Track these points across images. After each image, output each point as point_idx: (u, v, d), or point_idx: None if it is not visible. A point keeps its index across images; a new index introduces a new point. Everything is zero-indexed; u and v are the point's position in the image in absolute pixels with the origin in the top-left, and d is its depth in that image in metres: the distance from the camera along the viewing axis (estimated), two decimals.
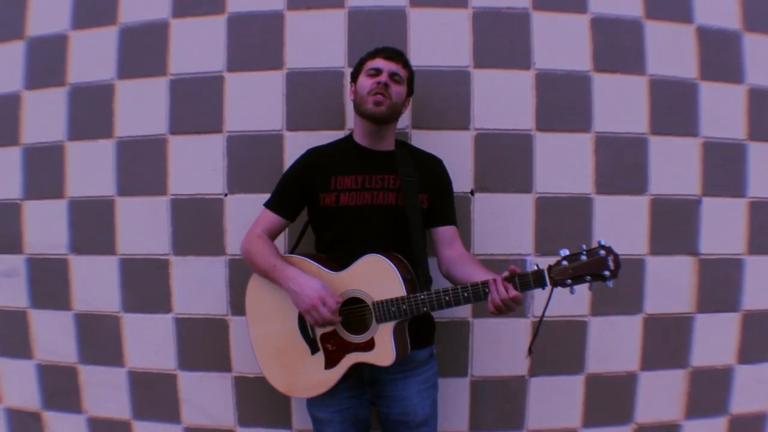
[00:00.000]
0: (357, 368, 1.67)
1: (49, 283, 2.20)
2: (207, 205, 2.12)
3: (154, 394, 2.16)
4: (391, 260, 1.61)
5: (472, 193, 2.07)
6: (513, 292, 1.48)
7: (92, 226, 2.17)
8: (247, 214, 2.06)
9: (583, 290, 2.04)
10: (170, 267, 2.13)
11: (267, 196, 1.94)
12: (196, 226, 2.12)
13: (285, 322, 1.71)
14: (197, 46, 2.13)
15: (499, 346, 2.09)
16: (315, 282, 1.62)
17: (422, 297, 1.57)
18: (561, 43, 2.11)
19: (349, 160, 1.78)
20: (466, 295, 1.54)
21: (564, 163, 2.10)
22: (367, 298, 1.62)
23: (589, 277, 1.47)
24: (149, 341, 2.15)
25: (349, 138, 1.86)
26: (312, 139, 2.04)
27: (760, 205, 2.15)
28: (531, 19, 2.10)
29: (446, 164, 2.03)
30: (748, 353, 2.15)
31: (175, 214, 2.13)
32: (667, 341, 2.12)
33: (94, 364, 2.19)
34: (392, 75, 1.74)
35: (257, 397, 2.11)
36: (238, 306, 2.09)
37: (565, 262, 1.48)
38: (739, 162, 2.15)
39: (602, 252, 1.46)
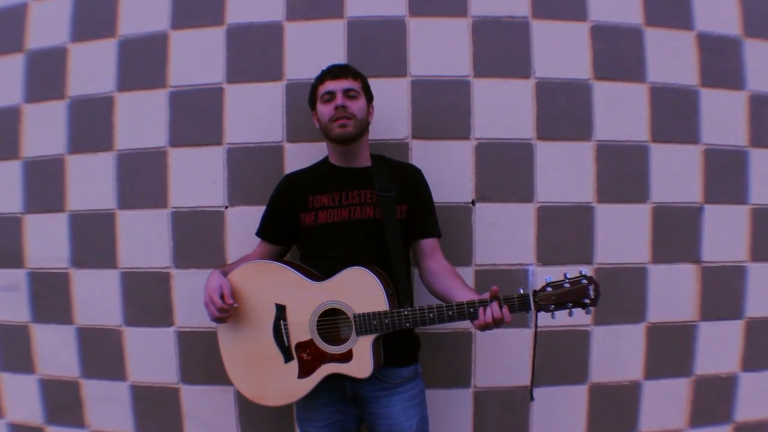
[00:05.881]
0: (337, 382, 1.67)
1: (50, 297, 2.20)
2: (208, 218, 2.11)
3: (156, 408, 2.15)
4: (374, 273, 1.62)
5: (473, 203, 2.07)
6: (507, 313, 1.53)
7: (93, 240, 2.17)
8: (247, 226, 2.05)
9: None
10: (171, 280, 2.12)
11: None
12: (197, 238, 2.11)
13: (258, 328, 1.70)
14: (197, 57, 2.13)
15: (501, 356, 2.08)
16: (214, 281, 1.68)
17: (406, 312, 1.59)
18: (561, 51, 2.11)
19: (325, 179, 1.81)
20: (450, 313, 1.57)
21: (565, 172, 2.09)
22: (348, 309, 1.62)
23: (570, 304, 1.54)
24: (151, 355, 2.14)
25: (324, 160, 1.88)
26: (312, 150, 2.04)
27: (762, 212, 2.14)
28: (531, 28, 2.10)
29: (447, 174, 2.05)
30: (753, 361, 2.15)
31: (176, 226, 2.12)
32: (670, 350, 2.12)
33: (96, 378, 2.18)
34: (346, 92, 1.74)
35: (260, 412, 2.06)
36: None
37: (549, 288, 1.54)
38: (741, 169, 2.15)
39: (584, 281, 1.53)
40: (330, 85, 1.75)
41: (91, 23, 2.19)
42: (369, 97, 1.83)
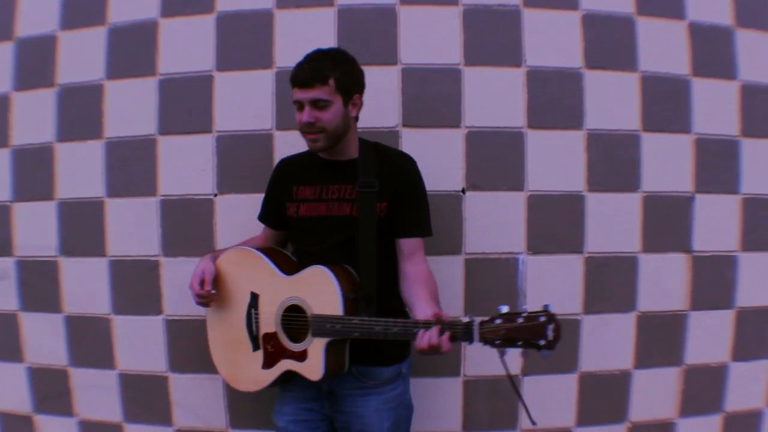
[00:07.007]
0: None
1: (39, 285, 2.19)
2: (197, 206, 2.10)
3: (145, 396, 2.14)
4: (336, 275, 1.55)
5: (463, 191, 2.06)
6: (446, 342, 1.39)
7: (82, 228, 2.16)
8: (236, 215, 2.06)
9: (575, 289, 2.08)
10: (160, 268, 2.11)
11: (256, 196, 1.94)
12: (186, 226, 2.10)
13: (235, 313, 1.72)
14: (186, 45, 2.12)
15: None
16: (199, 267, 1.71)
17: (355, 322, 1.50)
18: (552, 39, 2.09)
19: (310, 170, 1.74)
20: (395, 330, 1.47)
21: (556, 161, 2.08)
22: (308, 309, 1.58)
23: (521, 343, 1.33)
24: (140, 343, 2.13)
25: None
26: (302, 138, 2.02)
27: (753, 201, 2.14)
28: (522, 16, 2.09)
29: (437, 163, 2.04)
30: (743, 351, 2.14)
31: (165, 215, 2.11)
32: (660, 339, 2.11)
33: (85, 367, 2.18)
34: (314, 103, 1.58)
35: (248, 399, 2.08)
36: None
37: (498, 321, 1.35)
38: (733, 158, 2.14)
39: (543, 318, 1.31)
40: (297, 94, 1.59)
41: (80, 11, 2.17)
42: (350, 91, 1.63)
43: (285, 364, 1.62)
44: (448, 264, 2.05)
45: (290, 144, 2.04)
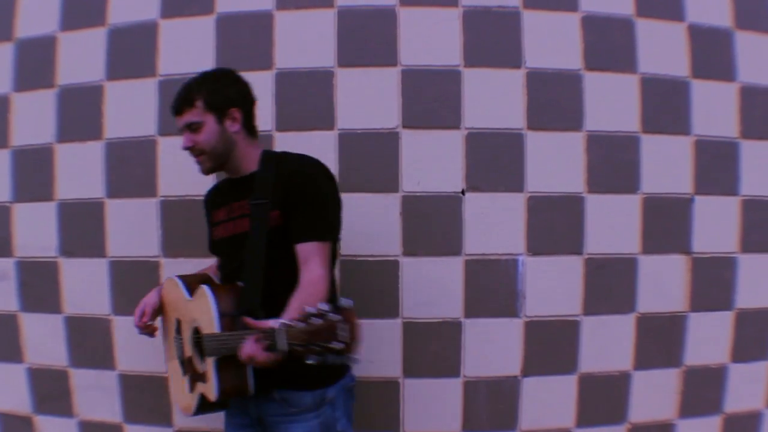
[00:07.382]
0: (242, 401, 1.57)
1: (39, 286, 2.19)
2: (197, 206, 2.08)
3: (145, 397, 2.15)
4: (215, 293, 1.48)
5: (462, 192, 2.06)
6: (259, 351, 1.29)
7: (82, 229, 2.16)
8: None
9: (575, 290, 2.08)
10: (160, 269, 2.12)
11: None
12: (186, 227, 2.10)
13: (171, 339, 1.76)
14: (186, 46, 2.12)
15: (491, 345, 2.07)
16: (142, 300, 1.74)
17: (223, 338, 1.43)
18: (552, 41, 2.10)
19: (222, 192, 1.73)
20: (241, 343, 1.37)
21: (556, 162, 2.09)
22: (202, 329, 1.53)
23: (318, 348, 1.10)
24: (139, 344, 2.10)
25: None
26: (301, 139, 2.03)
27: (752, 203, 2.14)
28: (522, 18, 2.09)
29: (437, 164, 2.05)
30: (742, 352, 2.14)
31: (165, 215, 2.12)
32: (660, 340, 2.11)
33: (85, 368, 2.18)
34: (188, 127, 1.58)
35: None
36: None
37: (302, 324, 1.14)
38: (732, 160, 2.14)
39: (334, 316, 1.10)
40: (177, 121, 1.62)
41: (80, 12, 2.18)
42: (223, 107, 1.58)
43: (199, 387, 1.57)
44: (448, 265, 2.05)
45: (290, 146, 2.02)
